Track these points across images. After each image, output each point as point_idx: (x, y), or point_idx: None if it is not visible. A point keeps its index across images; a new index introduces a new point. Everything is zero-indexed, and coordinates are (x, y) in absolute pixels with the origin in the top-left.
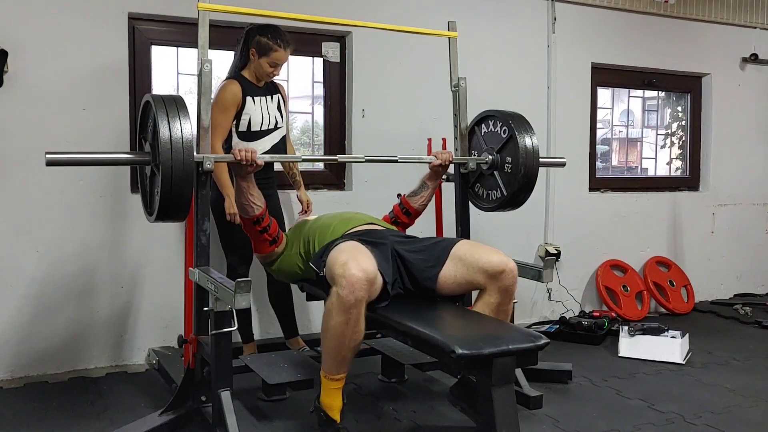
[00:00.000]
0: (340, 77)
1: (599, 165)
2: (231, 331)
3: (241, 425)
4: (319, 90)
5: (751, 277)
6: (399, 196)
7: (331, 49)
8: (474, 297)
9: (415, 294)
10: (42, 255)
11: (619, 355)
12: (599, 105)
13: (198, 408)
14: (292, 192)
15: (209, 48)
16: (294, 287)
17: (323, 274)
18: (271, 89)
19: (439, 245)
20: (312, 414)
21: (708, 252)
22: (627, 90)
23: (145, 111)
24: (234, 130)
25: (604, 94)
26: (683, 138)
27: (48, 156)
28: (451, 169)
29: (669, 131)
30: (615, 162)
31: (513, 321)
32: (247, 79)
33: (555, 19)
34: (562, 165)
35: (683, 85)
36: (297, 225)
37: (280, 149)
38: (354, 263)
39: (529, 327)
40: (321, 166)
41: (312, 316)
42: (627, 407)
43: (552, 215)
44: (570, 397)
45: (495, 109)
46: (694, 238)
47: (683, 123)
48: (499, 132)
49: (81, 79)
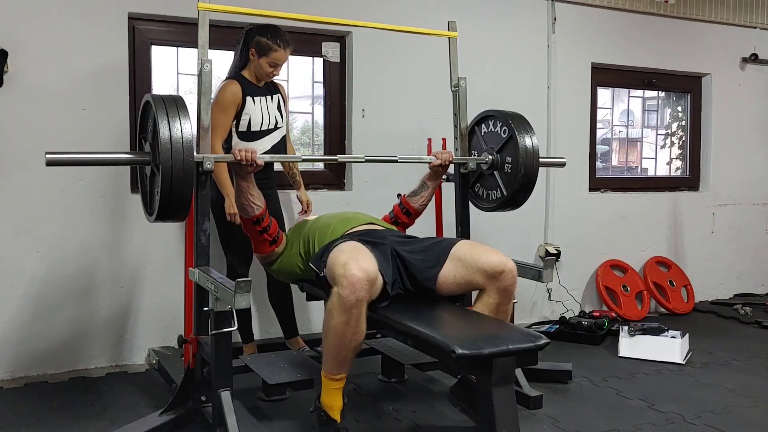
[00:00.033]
0: (340, 77)
1: (599, 165)
2: (231, 331)
3: (241, 425)
4: (319, 90)
5: (751, 277)
6: (399, 196)
7: (331, 49)
8: (474, 297)
9: (415, 294)
10: (42, 255)
11: (619, 355)
12: (599, 105)
13: (198, 408)
14: (292, 192)
15: (209, 48)
16: (294, 287)
17: (323, 274)
18: (271, 89)
19: (439, 245)
20: (312, 414)
21: (708, 252)
22: (627, 90)
23: (145, 111)
24: (234, 130)
25: (604, 94)
26: (683, 138)
27: (48, 156)
28: (451, 169)
29: (669, 131)
30: (615, 162)
31: (513, 321)
32: (247, 79)
33: (555, 19)
34: (562, 165)
35: (683, 85)
36: (297, 225)
37: (280, 149)
38: (355, 263)
39: (529, 327)
40: (321, 166)
41: (312, 316)
42: (627, 407)
43: (552, 215)
44: (570, 397)
45: (495, 109)
46: (694, 238)
47: (683, 123)
48: (499, 132)
49: (81, 79)
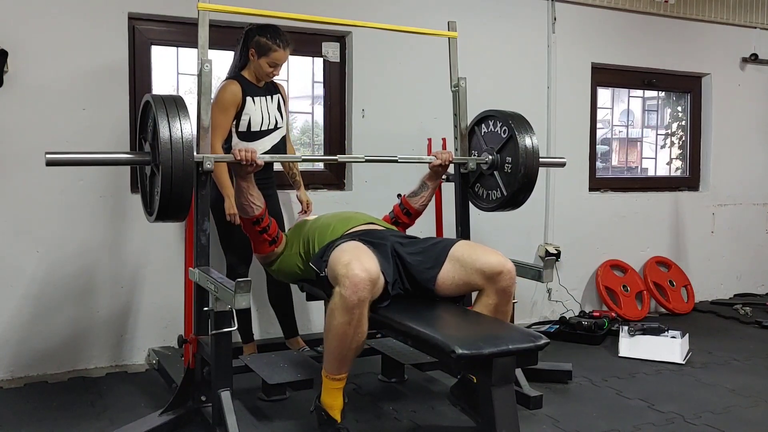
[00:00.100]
0: (340, 77)
1: (599, 165)
2: (231, 331)
3: (241, 425)
4: (319, 90)
5: (751, 277)
6: (399, 196)
7: (331, 49)
8: (474, 297)
9: (415, 294)
10: (42, 255)
11: (619, 355)
12: (599, 105)
13: (198, 408)
14: (292, 192)
15: (209, 48)
16: (294, 287)
17: (324, 274)
18: (271, 89)
19: (438, 246)
20: (312, 414)
21: (708, 252)
22: (627, 90)
23: (145, 111)
24: (234, 130)
25: (604, 94)
26: (683, 138)
27: (48, 156)
28: (451, 169)
29: (669, 131)
30: (615, 162)
31: (513, 321)
32: (247, 80)
33: (555, 19)
34: (562, 165)
35: (683, 85)
36: (297, 225)
37: (280, 149)
38: (357, 263)
39: (529, 327)
40: (321, 166)
41: (312, 316)
42: (627, 407)
43: (552, 215)
44: (570, 397)
45: (495, 109)
46: (694, 238)
47: (683, 123)
48: (499, 132)
49: (81, 79)
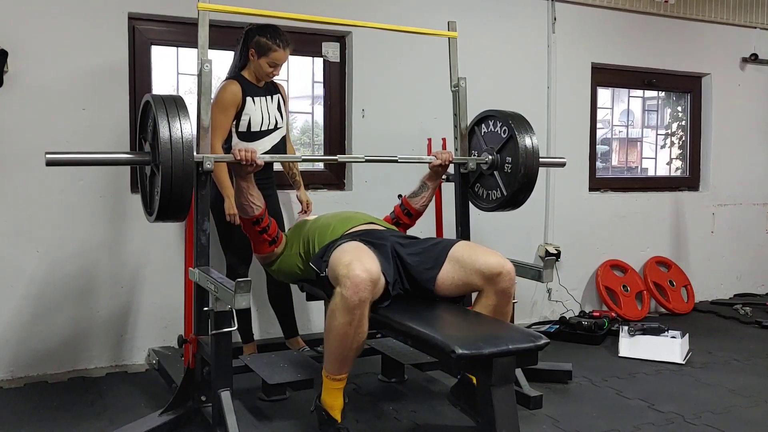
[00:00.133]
0: (340, 77)
1: (599, 165)
2: (231, 331)
3: (241, 425)
4: (319, 90)
5: (751, 277)
6: (400, 197)
7: (331, 49)
8: (474, 297)
9: (415, 295)
10: (42, 255)
11: (619, 355)
12: (599, 105)
13: (198, 408)
14: (292, 192)
15: (209, 48)
16: (294, 287)
17: (324, 274)
18: (271, 89)
19: (438, 247)
20: (312, 413)
21: (708, 252)
22: (627, 90)
23: (145, 111)
24: (234, 130)
25: (604, 94)
26: (683, 138)
27: (48, 156)
28: (451, 169)
29: (669, 131)
30: (615, 162)
31: (513, 321)
32: (247, 80)
33: (555, 19)
34: (562, 165)
35: (683, 85)
36: (296, 225)
37: (280, 149)
38: (358, 264)
39: (529, 327)
40: (321, 166)
41: (312, 316)
42: (627, 407)
43: (552, 215)
44: (570, 397)
45: (495, 109)
46: (694, 238)
47: (683, 123)
48: (499, 132)
49: (81, 79)
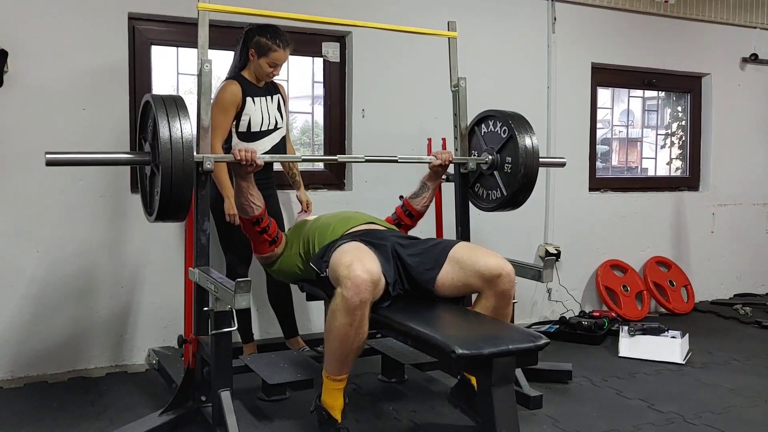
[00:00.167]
0: (340, 77)
1: (599, 165)
2: (231, 331)
3: (241, 425)
4: (319, 90)
5: (751, 277)
6: (401, 198)
7: (331, 49)
8: (473, 298)
9: (415, 295)
10: (42, 255)
11: (619, 355)
12: (599, 105)
13: (198, 408)
14: (292, 192)
15: (209, 48)
16: (294, 287)
17: (325, 274)
18: (271, 89)
19: (438, 247)
20: (312, 414)
21: (708, 252)
22: (627, 90)
23: (145, 111)
24: (234, 130)
25: (604, 94)
26: (683, 138)
27: (48, 156)
28: (451, 169)
29: (669, 131)
30: (615, 162)
31: (513, 321)
32: (247, 80)
33: (555, 19)
34: (561, 165)
35: (683, 85)
36: (296, 225)
37: (280, 150)
38: (359, 265)
39: (529, 327)
40: (321, 166)
41: (312, 316)
42: (627, 407)
43: (552, 215)
44: (570, 397)
45: (495, 109)
46: (694, 238)
47: (683, 123)
48: (499, 132)
49: (81, 79)
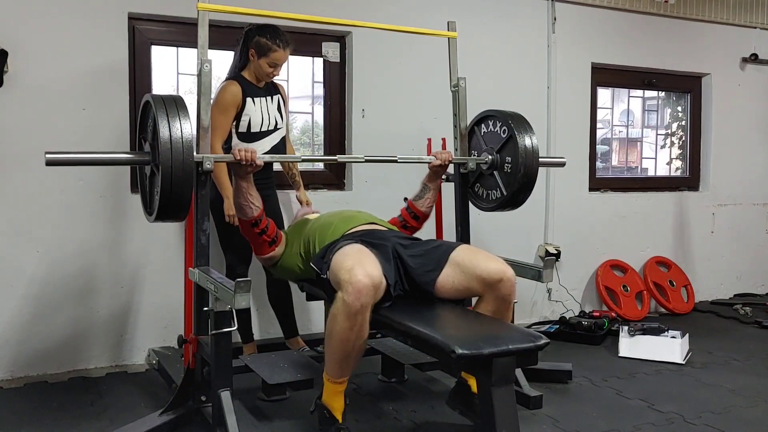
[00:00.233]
0: (340, 77)
1: (599, 165)
2: (231, 331)
3: (241, 425)
4: (319, 90)
5: (751, 277)
6: (405, 200)
7: (331, 49)
8: (474, 300)
9: (415, 295)
10: (42, 255)
11: (619, 355)
12: (599, 105)
13: (198, 408)
14: (291, 192)
15: (209, 48)
16: (294, 287)
17: (326, 276)
18: (271, 90)
19: (439, 249)
20: (313, 414)
21: (708, 252)
22: (627, 90)
23: (145, 111)
24: (234, 131)
25: (604, 94)
26: (683, 138)
27: (48, 156)
28: (451, 169)
29: (669, 131)
30: (615, 162)
31: (513, 321)
32: (247, 80)
33: (555, 19)
34: (561, 165)
35: (683, 85)
36: (297, 223)
37: (279, 150)
38: (360, 269)
39: (529, 327)
40: (321, 166)
41: (312, 316)
42: (627, 407)
43: (552, 215)
44: (570, 397)
45: (495, 109)
46: (694, 238)
47: (683, 123)
48: (499, 132)
49: (81, 79)
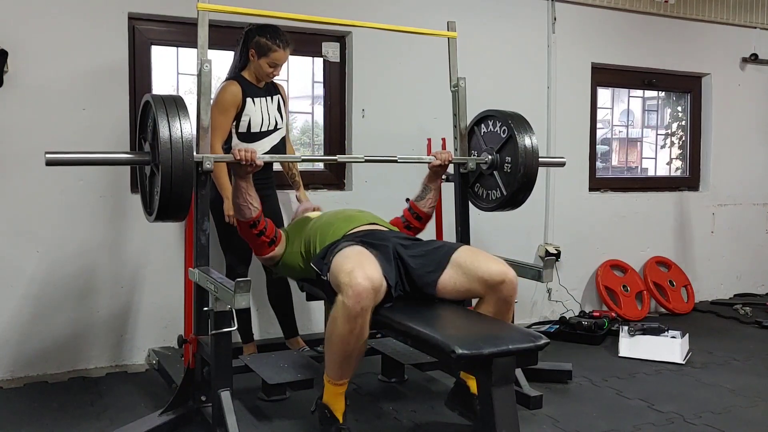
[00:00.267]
0: (340, 77)
1: (599, 165)
2: (231, 331)
3: (241, 425)
4: (319, 90)
5: (751, 277)
6: (407, 200)
7: (331, 49)
8: (474, 300)
9: (415, 296)
10: (42, 255)
11: (619, 355)
12: (599, 105)
13: (198, 408)
14: (291, 192)
15: (209, 48)
16: (294, 287)
17: (326, 277)
18: (271, 90)
19: (440, 250)
20: (313, 414)
21: (708, 252)
22: (627, 90)
23: (145, 111)
24: (234, 131)
25: (604, 94)
26: (683, 138)
27: (48, 156)
28: (451, 169)
29: (669, 131)
30: (615, 162)
31: (513, 321)
32: (247, 80)
33: (555, 19)
34: (561, 165)
35: (683, 85)
36: (297, 221)
37: (279, 150)
38: (360, 272)
39: (529, 327)
40: (321, 166)
41: (312, 316)
42: (627, 407)
43: (552, 215)
44: (570, 397)
45: (494, 109)
46: (694, 238)
47: (683, 123)
48: (499, 132)
49: (81, 79)
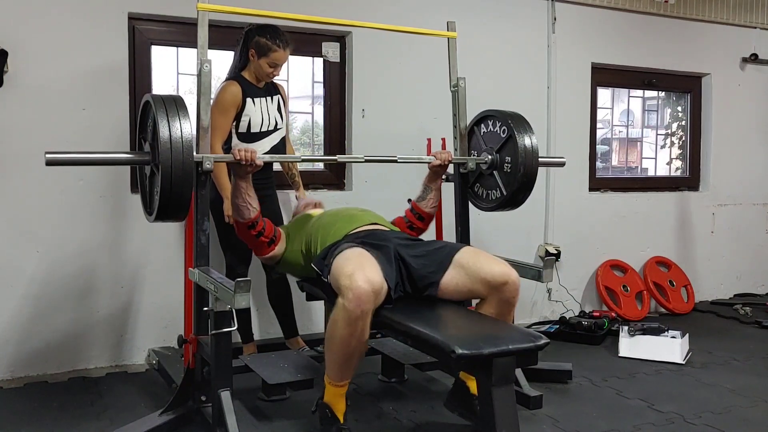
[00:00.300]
0: (340, 77)
1: (599, 165)
2: (231, 331)
3: (241, 425)
4: (319, 90)
5: (751, 277)
6: (409, 201)
7: (331, 49)
8: (475, 301)
9: (416, 296)
10: (42, 255)
11: (619, 355)
12: (599, 105)
13: (198, 408)
14: (291, 192)
15: (209, 48)
16: (294, 287)
17: (327, 279)
18: (271, 90)
19: (442, 251)
20: (314, 414)
21: (708, 252)
22: (627, 90)
23: (145, 111)
24: (234, 131)
25: (604, 94)
26: (683, 138)
27: (48, 156)
28: (451, 169)
29: (669, 131)
30: (615, 162)
31: (513, 321)
32: (247, 80)
33: (555, 19)
34: (561, 165)
35: (683, 85)
36: (298, 219)
37: (279, 150)
38: (361, 274)
39: (529, 327)
40: (321, 166)
41: (312, 316)
42: (627, 407)
43: (552, 215)
44: (570, 397)
45: (494, 109)
46: (694, 238)
47: (683, 123)
48: (499, 132)
49: (81, 79)
